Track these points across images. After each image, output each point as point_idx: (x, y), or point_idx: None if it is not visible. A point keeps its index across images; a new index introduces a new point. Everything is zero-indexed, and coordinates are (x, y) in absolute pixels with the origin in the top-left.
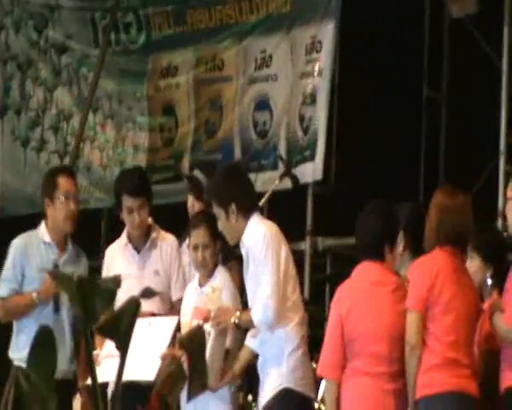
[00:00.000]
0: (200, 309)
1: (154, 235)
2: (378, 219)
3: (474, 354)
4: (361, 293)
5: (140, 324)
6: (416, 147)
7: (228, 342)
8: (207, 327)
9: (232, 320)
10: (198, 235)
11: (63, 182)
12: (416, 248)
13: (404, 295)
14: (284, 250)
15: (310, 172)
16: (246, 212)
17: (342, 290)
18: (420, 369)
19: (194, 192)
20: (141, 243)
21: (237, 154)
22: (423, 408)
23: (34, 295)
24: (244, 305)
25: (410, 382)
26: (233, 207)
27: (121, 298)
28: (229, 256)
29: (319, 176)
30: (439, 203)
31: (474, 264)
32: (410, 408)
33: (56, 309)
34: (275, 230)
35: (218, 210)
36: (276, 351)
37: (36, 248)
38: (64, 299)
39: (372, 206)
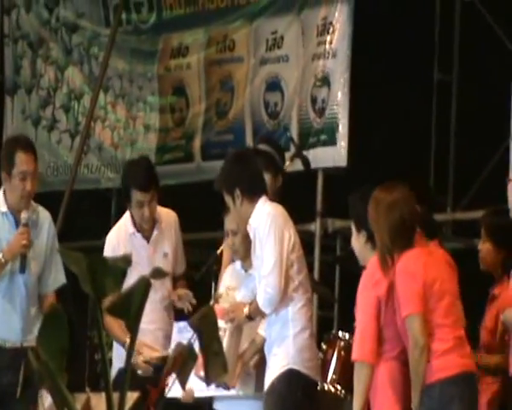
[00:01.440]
0: (217, 307)
1: (159, 219)
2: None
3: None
4: None
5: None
6: (427, 130)
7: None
8: (222, 325)
9: (244, 313)
10: (227, 221)
11: (21, 159)
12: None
13: None
14: (289, 230)
15: (329, 157)
16: (251, 196)
17: (377, 274)
18: (431, 357)
19: (270, 170)
20: (149, 231)
21: (248, 135)
22: (438, 392)
23: None
24: None
25: (417, 385)
26: (237, 192)
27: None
28: None
29: (344, 162)
30: (377, 199)
31: (485, 247)
32: (414, 403)
33: (22, 269)
34: (280, 210)
35: (227, 198)
36: (282, 332)
37: None
38: (31, 261)
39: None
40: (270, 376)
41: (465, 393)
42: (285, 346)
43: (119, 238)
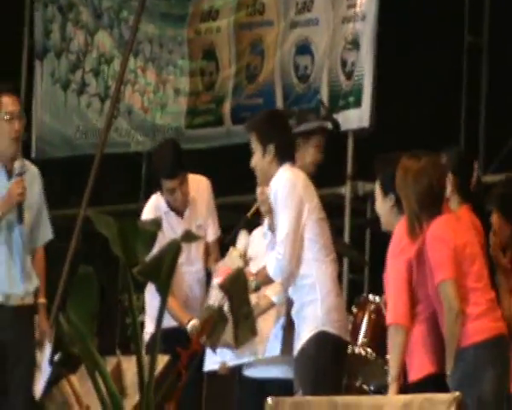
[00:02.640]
0: (224, 268)
1: (191, 193)
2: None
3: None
4: None
5: None
6: (458, 93)
7: None
8: None
9: (250, 283)
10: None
11: (6, 101)
12: (464, 191)
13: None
14: (309, 196)
15: (355, 118)
16: (281, 158)
17: (404, 239)
18: (465, 320)
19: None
20: (182, 208)
21: (278, 98)
22: (472, 355)
23: None
24: None
25: (451, 349)
26: (271, 147)
27: None
28: None
29: (366, 123)
30: (405, 167)
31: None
32: (449, 367)
33: (20, 219)
34: (301, 177)
35: (255, 144)
36: (309, 295)
37: None
38: (25, 211)
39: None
40: (300, 340)
41: (498, 357)
42: (313, 309)
43: (156, 213)
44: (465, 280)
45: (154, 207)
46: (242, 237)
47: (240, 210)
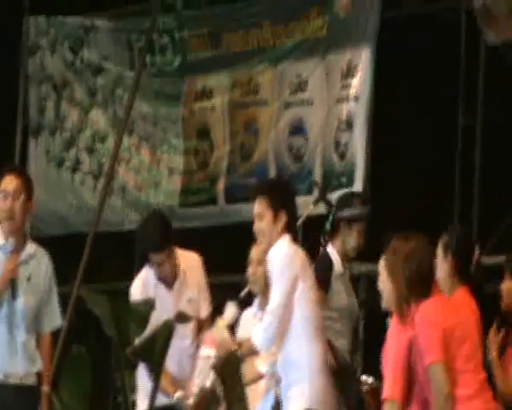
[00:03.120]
0: (210, 338)
1: (181, 266)
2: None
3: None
4: None
5: None
6: (452, 175)
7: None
8: (211, 352)
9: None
10: (254, 250)
11: (4, 181)
12: (464, 273)
13: None
14: (306, 274)
15: None
16: (287, 228)
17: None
18: (455, 403)
19: None
20: (172, 280)
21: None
22: None
23: None
24: None
25: None
26: (283, 214)
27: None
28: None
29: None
30: (396, 250)
31: (508, 286)
32: None
33: (13, 296)
34: (301, 254)
35: (265, 209)
36: (297, 373)
37: None
38: (21, 287)
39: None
40: None
41: None
42: (300, 388)
43: (144, 287)
44: (454, 362)
45: (143, 280)
46: (230, 309)
47: (233, 290)
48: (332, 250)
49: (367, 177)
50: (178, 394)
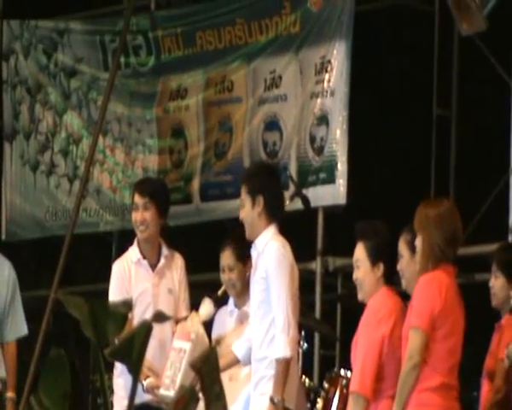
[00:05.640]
0: (183, 330)
1: (165, 252)
2: None
3: (457, 374)
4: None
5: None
6: (427, 165)
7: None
8: (183, 345)
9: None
10: (223, 257)
11: None
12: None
13: None
14: (294, 272)
15: (328, 195)
16: (270, 214)
17: (381, 311)
18: (415, 386)
19: None
20: (154, 259)
21: None
22: None
23: None
24: None
25: (401, 397)
26: (261, 199)
27: (136, 313)
28: None
29: (343, 200)
30: (427, 214)
31: (498, 282)
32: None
33: None
34: (288, 249)
35: (245, 197)
36: (269, 370)
37: None
38: None
39: None
40: None
41: None
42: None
43: (126, 265)
44: (433, 347)
45: (125, 257)
46: (206, 305)
47: (209, 288)
48: None
49: (349, 173)
50: (149, 380)
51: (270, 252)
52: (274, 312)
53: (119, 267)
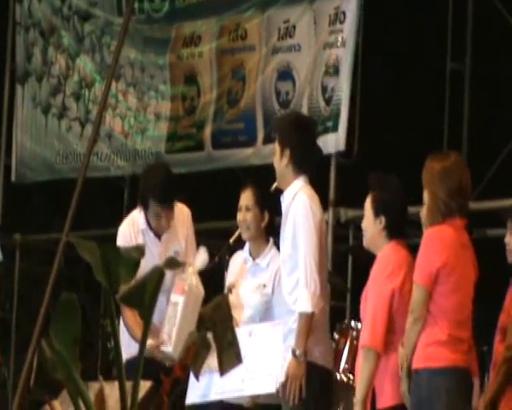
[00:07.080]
0: (179, 283)
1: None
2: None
3: (471, 326)
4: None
5: (240, 334)
6: (440, 120)
7: None
8: (178, 299)
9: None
10: (243, 196)
11: None
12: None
13: None
14: (322, 225)
15: (333, 142)
16: (297, 167)
17: (390, 265)
18: (423, 341)
19: None
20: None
21: (259, 123)
22: (426, 380)
23: None
24: None
25: (406, 351)
26: (287, 151)
27: None
28: None
29: (342, 147)
30: (433, 168)
31: None
32: (403, 374)
33: None
34: (316, 202)
35: (276, 145)
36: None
37: None
38: None
39: None
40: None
41: (454, 386)
42: None
43: (132, 231)
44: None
45: (132, 220)
46: (200, 254)
47: (221, 236)
48: None
49: (351, 122)
50: (148, 341)
51: (297, 205)
52: (299, 266)
53: (125, 232)
